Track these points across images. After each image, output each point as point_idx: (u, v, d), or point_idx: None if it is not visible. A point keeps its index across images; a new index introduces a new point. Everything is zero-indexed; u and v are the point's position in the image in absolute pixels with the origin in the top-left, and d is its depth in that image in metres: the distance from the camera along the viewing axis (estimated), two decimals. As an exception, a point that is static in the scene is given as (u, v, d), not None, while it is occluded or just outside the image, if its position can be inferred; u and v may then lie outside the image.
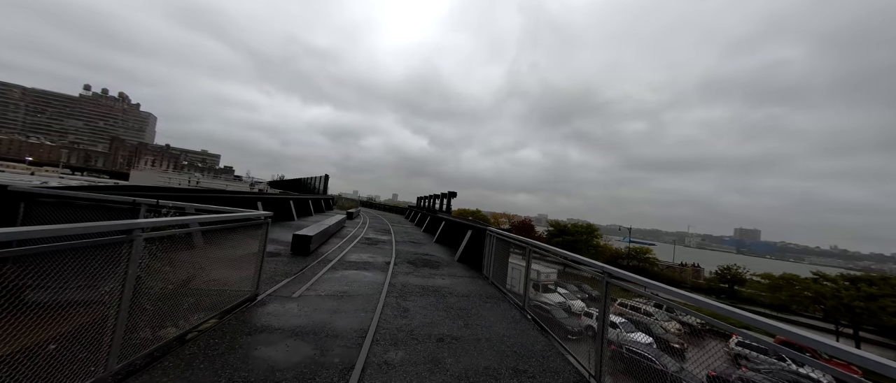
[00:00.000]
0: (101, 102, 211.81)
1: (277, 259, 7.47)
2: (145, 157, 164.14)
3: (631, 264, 54.80)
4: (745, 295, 48.99)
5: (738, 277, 52.32)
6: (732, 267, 53.22)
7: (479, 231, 9.53)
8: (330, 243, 10.60)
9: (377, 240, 12.59)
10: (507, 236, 7.59)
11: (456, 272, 8.58)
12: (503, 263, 8.14)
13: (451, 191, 19.29)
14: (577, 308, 24.19)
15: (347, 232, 14.39)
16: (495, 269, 8.03)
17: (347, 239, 12.15)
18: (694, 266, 71.16)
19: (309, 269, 7.01)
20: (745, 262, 54.84)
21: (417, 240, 14.42)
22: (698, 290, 51.46)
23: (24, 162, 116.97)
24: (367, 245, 11.26)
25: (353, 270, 7.39)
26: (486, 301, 6.15)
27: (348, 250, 9.79)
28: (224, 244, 4.63)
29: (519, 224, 63.56)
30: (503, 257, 8.12)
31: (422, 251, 11.27)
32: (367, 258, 8.91)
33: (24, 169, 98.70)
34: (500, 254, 8.09)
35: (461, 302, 5.89)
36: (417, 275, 7.61)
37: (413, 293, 6.13)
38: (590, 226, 55.97)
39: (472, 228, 10.24)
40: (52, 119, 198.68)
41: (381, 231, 16.42)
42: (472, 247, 10.16)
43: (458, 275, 8.20)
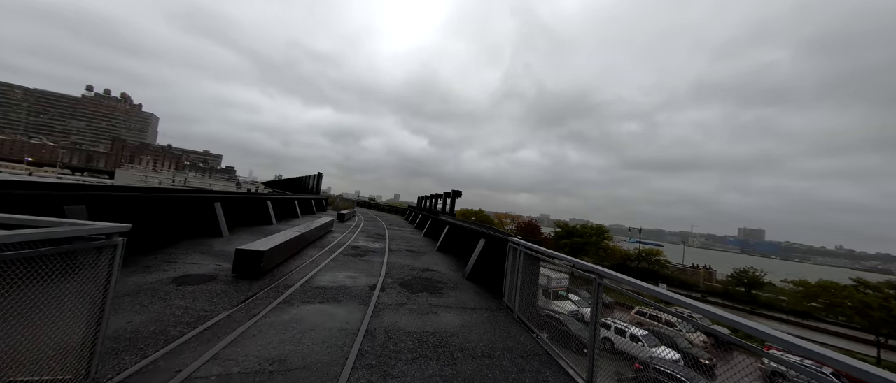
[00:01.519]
0: (103, 103, 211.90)
1: (208, 287, 5.09)
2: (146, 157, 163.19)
3: (640, 266, 52.24)
4: (764, 301, 46.24)
5: (756, 280, 49.59)
6: (749, 269, 50.52)
7: (498, 241, 7.12)
8: (302, 256, 8.22)
9: (366, 250, 10.21)
10: (546, 255, 5.17)
11: (467, 299, 6.17)
12: (533, 289, 5.76)
13: (456, 189, 16.89)
14: (590, 316, 21.67)
15: (332, 239, 12.02)
16: (523, 298, 5.63)
17: (328, 249, 9.77)
18: (706, 268, 68.26)
19: (246, 306, 4.62)
20: (751, 262, 52.27)
21: (417, 247, 12.05)
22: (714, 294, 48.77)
23: (24, 162, 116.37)
24: (351, 257, 8.87)
25: (317, 304, 4.99)
26: (522, 365, 3.74)
27: (323, 267, 7.38)
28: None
29: (524, 225, 60.95)
30: (533, 280, 5.73)
31: (421, 265, 8.88)
32: (344, 280, 6.51)
33: (23, 169, 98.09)
34: (530, 277, 5.69)
35: (483, 370, 3.50)
36: (412, 309, 5.22)
37: (403, 351, 3.74)
38: (600, 227, 53.28)
39: (486, 237, 7.85)
40: (55, 119, 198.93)
41: (374, 236, 14.04)
42: (486, 261, 7.76)
43: (470, 306, 5.79)
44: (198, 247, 7.61)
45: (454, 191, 16.82)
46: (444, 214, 16.32)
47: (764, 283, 50.35)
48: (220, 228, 9.05)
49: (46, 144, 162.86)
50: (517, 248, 5.83)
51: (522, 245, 5.74)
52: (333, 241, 11.18)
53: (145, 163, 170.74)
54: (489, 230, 8.70)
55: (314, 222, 12.21)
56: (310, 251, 8.90)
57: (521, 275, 5.67)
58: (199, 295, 4.71)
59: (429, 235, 16.53)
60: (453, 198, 16.85)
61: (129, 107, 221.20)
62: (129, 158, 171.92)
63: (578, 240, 50.99)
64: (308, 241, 9.55)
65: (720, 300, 46.24)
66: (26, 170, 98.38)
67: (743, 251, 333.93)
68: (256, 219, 12.82)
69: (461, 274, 8.31)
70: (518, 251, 5.79)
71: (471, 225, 10.22)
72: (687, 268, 65.78)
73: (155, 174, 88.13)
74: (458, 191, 16.76)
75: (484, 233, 8.16)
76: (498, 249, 7.29)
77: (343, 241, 11.47)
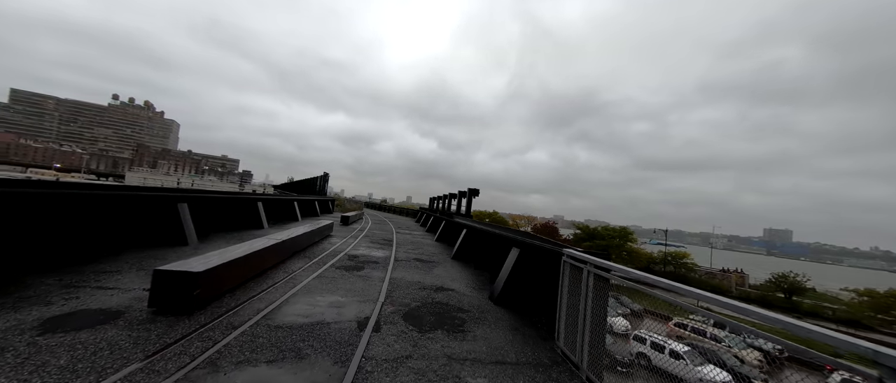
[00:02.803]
0: (128, 111, 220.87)
1: (94, 335, 3.19)
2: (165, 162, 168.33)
3: (666, 270, 48.75)
4: (807, 308, 42.03)
5: (797, 286, 45.36)
6: (789, 274, 46.31)
7: (541, 254, 5.02)
8: (277, 272, 6.32)
9: (365, 261, 8.25)
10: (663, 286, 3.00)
11: (502, 344, 4.08)
12: (601, 328, 3.63)
13: (472, 188, 14.79)
14: (620, 326, 19.07)
15: (328, 246, 10.14)
16: (595, 345, 3.53)
17: (318, 260, 7.86)
18: (738, 272, 63.51)
19: (134, 377, 2.69)
20: (780, 265, 47.97)
21: (428, 255, 10.05)
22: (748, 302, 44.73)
23: (53, 169, 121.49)
24: (345, 271, 6.92)
25: (263, 365, 3.03)
26: None
27: (300, 289, 5.43)
28: None
29: (541, 227, 58.11)
30: (600, 312, 3.62)
31: (433, 281, 6.85)
32: (324, 310, 4.54)
33: (52, 175, 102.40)
34: (599, 310, 3.58)
35: None
36: (421, 367, 3.21)
37: None
38: (623, 228, 50.02)
39: (520, 246, 5.76)
40: (84, 128, 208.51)
41: (378, 242, 12.11)
42: (522, 278, 5.66)
43: (510, 360, 3.69)
44: (144, 261, 5.83)
45: (470, 191, 14.73)
46: (459, 216, 14.26)
47: (806, 289, 46.08)
48: (186, 235, 7.28)
49: (75, 151, 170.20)
50: (584, 268, 3.71)
51: (594, 263, 3.62)
52: (328, 249, 9.28)
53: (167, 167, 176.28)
54: (524, 236, 6.60)
55: (311, 226, 10.40)
56: (292, 264, 7.00)
57: (593, 308, 3.55)
58: (63, 354, 2.81)
59: (442, 240, 14.51)
60: (469, 198, 14.76)
61: (152, 115, 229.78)
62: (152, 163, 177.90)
63: (600, 242, 47.94)
64: (292, 250, 7.67)
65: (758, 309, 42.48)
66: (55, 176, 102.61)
67: (769, 253, 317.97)
68: (243, 223, 11.10)
69: (486, 294, 6.24)
70: (587, 273, 3.67)
71: (498, 229, 8.10)
72: (716, 271, 61.36)
73: (166, 176, 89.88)
74: (475, 190, 14.67)
75: (517, 240, 6.07)
76: (542, 265, 5.17)
77: (340, 249, 9.56)
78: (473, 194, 14.61)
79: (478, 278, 7.74)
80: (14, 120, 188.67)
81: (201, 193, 8.74)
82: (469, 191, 14.74)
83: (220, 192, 10.55)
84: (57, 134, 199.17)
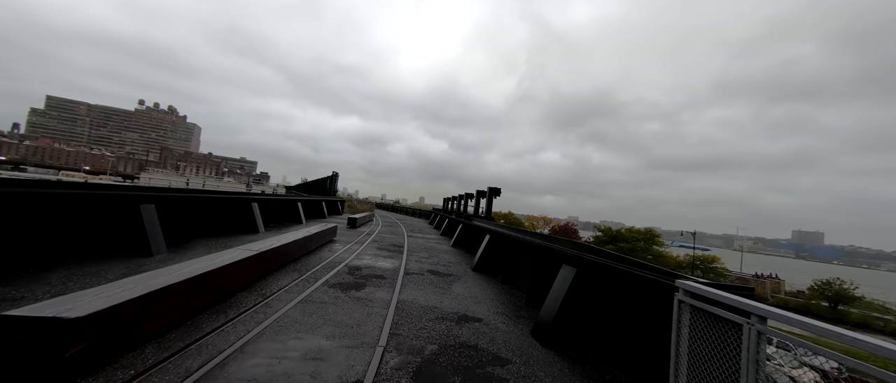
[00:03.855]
0: (153, 115, 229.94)
1: None
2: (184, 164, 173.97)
3: (694, 275, 45.38)
4: (855, 319, 38.04)
5: (844, 295, 41.34)
6: (834, 281, 42.28)
7: (622, 279, 3.32)
8: (257, 289, 4.86)
9: (369, 275, 6.71)
10: None
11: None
12: None
13: (493, 187, 13.09)
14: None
15: (329, 254, 8.68)
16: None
17: (311, 273, 6.36)
18: (773, 277, 59.03)
19: None
20: (809, 269, 43.62)
21: (444, 266, 8.44)
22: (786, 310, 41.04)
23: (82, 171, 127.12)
24: (340, 291, 5.38)
25: None
26: None
27: (273, 322, 3.91)
28: None
29: (559, 229, 55.51)
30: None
31: (453, 305, 5.22)
32: (294, 365, 2.98)
33: (81, 177, 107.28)
34: None
35: None
36: None
37: None
38: (650, 230, 46.89)
39: (578, 265, 4.08)
40: (112, 132, 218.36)
41: (387, 249, 10.59)
42: (582, 307, 3.97)
43: None
44: (73, 279, 4.48)
45: (491, 190, 13.01)
46: (478, 218, 12.59)
47: (855, 298, 41.99)
48: (150, 243, 5.93)
49: (105, 154, 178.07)
50: (724, 315, 2.00)
51: (757, 312, 1.92)
52: (326, 259, 7.80)
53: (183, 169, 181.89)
54: (577, 249, 4.86)
55: (311, 230, 9.00)
56: (276, 281, 5.52)
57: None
58: None
59: (459, 245, 12.88)
60: (490, 198, 13.04)
61: (176, 119, 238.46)
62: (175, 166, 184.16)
63: (624, 245, 45.08)
64: (279, 262, 6.21)
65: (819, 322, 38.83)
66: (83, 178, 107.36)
67: (798, 256, 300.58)
68: (235, 227, 9.80)
69: (524, 325, 4.58)
70: (747, 332, 1.98)
71: (529, 235, 6.33)
72: (749, 276, 57.18)
73: (180, 177, 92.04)
74: (496, 190, 12.94)
75: (571, 255, 4.38)
76: (618, 293, 3.47)
77: (340, 258, 8.06)
78: (494, 194, 12.89)
79: (508, 298, 6.07)
80: (49, 125, 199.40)
81: (178, 192, 7.44)
82: (489, 191, 13.03)
83: (205, 192, 9.27)
84: (88, 138, 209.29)
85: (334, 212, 23.64)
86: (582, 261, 4.10)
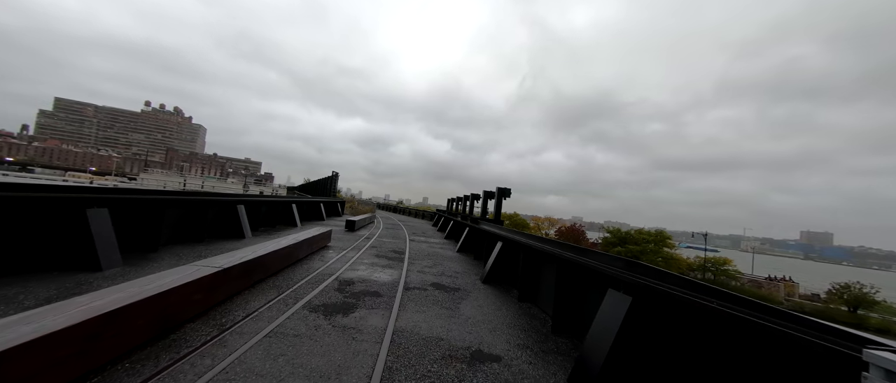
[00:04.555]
0: (159, 117, 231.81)
1: None
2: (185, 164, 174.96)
3: (705, 277, 43.88)
4: (876, 325, 36.27)
5: (864, 299, 39.58)
6: (852, 285, 40.52)
7: (773, 338, 2.21)
8: (216, 316, 3.85)
9: (363, 292, 5.66)
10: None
11: None
12: None
13: (502, 187, 11.99)
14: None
15: (321, 263, 7.66)
16: None
17: (292, 292, 5.33)
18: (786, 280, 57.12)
19: None
20: (818, 270, 41.81)
21: (451, 277, 7.37)
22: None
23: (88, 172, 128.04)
24: (324, 317, 4.34)
25: None
26: None
27: (220, 373, 2.91)
28: None
29: (566, 230, 54.09)
30: None
31: (463, 334, 4.12)
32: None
33: (87, 178, 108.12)
34: None
35: None
36: None
37: None
38: (660, 232, 45.39)
39: (636, 293, 3.01)
40: (119, 133, 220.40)
41: (386, 256, 9.55)
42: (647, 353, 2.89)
43: None
44: None
45: (500, 191, 11.91)
46: (486, 222, 11.52)
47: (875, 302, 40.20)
48: (98, 255, 4.93)
49: (111, 155, 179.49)
50: None
51: None
52: (315, 271, 6.76)
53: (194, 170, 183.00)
54: (625, 269, 3.74)
55: (302, 235, 8.01)
56: (244, 302, 4.50)
57: None
58: None
59: (466, 250, 11.83)
60: (499, 199, 11.94)
61: (181, 120, 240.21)
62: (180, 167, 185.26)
63: (634, 247, 43.65)
64: (253, 278, 5.19)
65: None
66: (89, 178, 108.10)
67: (806, 256, 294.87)
68: (217, 233, 8.82)
69: (553, 361, 3.50)
70: None
71: (573, 253, 5.11)
72: (762, 279, 55.36)
73: (178, 177, 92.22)
74: (506, 190, 11.84)
75: (623, 279, 3.30)
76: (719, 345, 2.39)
77: (331, 270, 7.02)
78: (504, 195, 11.78)
79: (529, 322, 4.99)
80: (57, 126, 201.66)
81: (143, 194, 6.45)
82: (498, 192, 11.92)
83: (182, 194, 8.28)
84: (95, 139, 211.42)
85: (334, 213, 22.67)
86: (641, 287, 3.01)
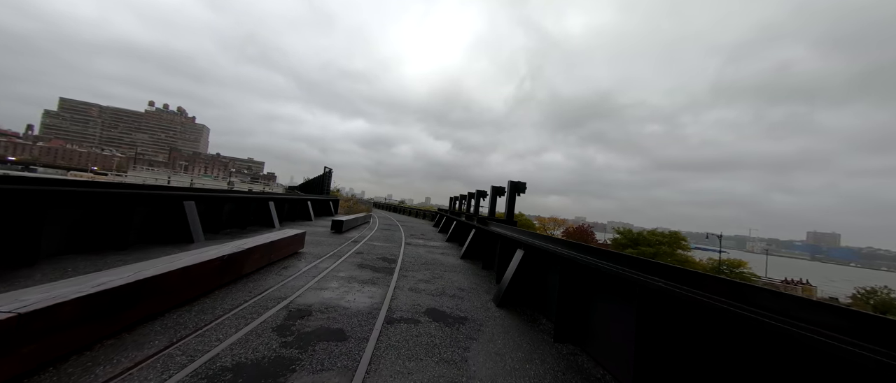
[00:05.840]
0: (162, 117, 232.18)
1: None
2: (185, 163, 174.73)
3: None
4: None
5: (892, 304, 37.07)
6: (880, 290, 38.01)
7: None
8: None
9: (321, 328, 3.79)
10: None
11: None
12: None
13: (515, 181, 10.04)
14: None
15: (278, 279, 5.79)
16: None
17: (197, 337, 3.48)
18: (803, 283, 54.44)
19: None
20: (830, 271, 39.29)
21: (453, 294, 5.46)
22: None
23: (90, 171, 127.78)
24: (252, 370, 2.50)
25: None
26: None
27: None
28: None
29: (574, 231, 51.87)
30: None
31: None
32: None
33: (88, 176, 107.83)
34: None
35: None
36: None
37: None
38: (675, 234, 43.11)
39: None
40: (123, 133, 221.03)
41: (372, 265, 7.66)
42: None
43: None
44: None
45: (513, 185, 9.95)
46: (496, 223, 9.60)
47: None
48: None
49: (115, 155, 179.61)
50: None
51: None
52: (265, 290, 4.90)
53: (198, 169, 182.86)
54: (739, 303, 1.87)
55: (265, 238, 6.18)
56: (116, 355, 2.67)
57: None
58: None
59: (472, 257, 9.91)
60: (511, 196, 9.98)
61: (185, 120, 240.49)
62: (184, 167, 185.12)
63: (647, 249, 41.40)
64: (160, 306, 3.33)
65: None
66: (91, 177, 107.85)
67: (813, 257, 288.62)
68: (161, 236, 6.99)
69: None
70: None
71: (666, 281, 3.11)
72: (778, 283, 52.79)
73: (172, 174, 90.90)
74: (520, 185, 9.89)
75: (757, 318, 1.44)
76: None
77: (288, 289, 5.15)
78: (517, 190, 9.83)
79: (567, 361, 3.09)
80: (62, 126, 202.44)
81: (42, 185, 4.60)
82: (510, 187, 9.96)
83: (107, 186, 6.43)
84: (100, 139, 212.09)
85: (325, 213, 20.85)
86: None
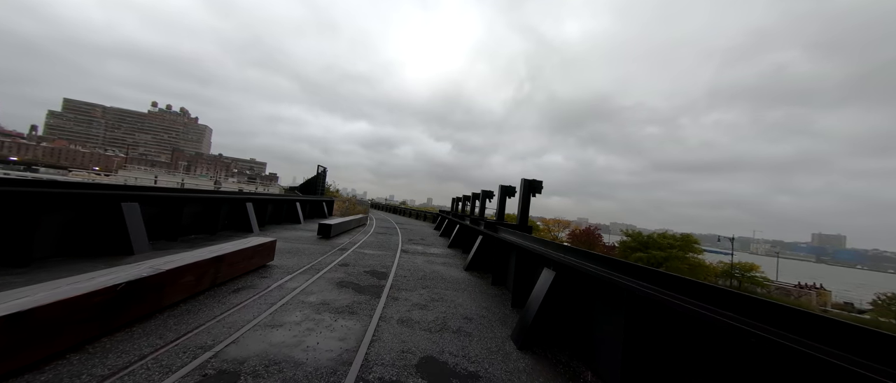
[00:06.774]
0: (165, 117, 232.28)
1: None
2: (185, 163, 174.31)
3: (731, 285, 39.80)
4: None
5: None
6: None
7: None
8: None
9: None
10: None
11: None
12: None
13: (531, 179, 8.47)
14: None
15: (219, 306, 4.36)
16: None
17: None
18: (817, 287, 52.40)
19: None
20: (832, 273, 37.38)
21: (457, 335, 4.01)
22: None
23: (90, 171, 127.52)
24: None
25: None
26: None
27: None
28: None
29: (581, 233, 50.16)
30: None
31: None
32: None
33: (87, 176, 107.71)
34: None
35: None
36: None
37: None
38: (686, 236, 41.35)
39: None
40: (126, 133, 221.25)
41: (355, 283, 6.20)
42: None
43: None
44: None
45: (527, 184, 8.40)
46: (506, 228, 8.10)
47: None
48: None
49: (118, 155, 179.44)
50: None
51: None
52: (189, 331, 3.48)
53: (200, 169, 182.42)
54: None
55: (221, 249, 4.76)
56: None
57: None
58: None
59: (478, 268, 8.41)
60: (525, 197, 8.45)
61: (187, 121, 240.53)
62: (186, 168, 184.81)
63: (658, 253, 39.66)
64: None
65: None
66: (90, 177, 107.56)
67: (818, 259, 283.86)
68: (92, 245, 5.58)
69: None
70: None
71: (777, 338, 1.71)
72: (791, 287, 50.79)
73: (150, 173, 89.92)
74: (537, 184, 8.39)
75: None
76: None
77: (224, 329, 3.72)
78: (533, 191, 8.32)
79: None
80: (66, 127, 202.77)
81: None
82: (525, 187, 8.42)
83: (24, 184, 5.03)
84: (103, 140, 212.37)
85: (318, 215, 19.42)
86: None
